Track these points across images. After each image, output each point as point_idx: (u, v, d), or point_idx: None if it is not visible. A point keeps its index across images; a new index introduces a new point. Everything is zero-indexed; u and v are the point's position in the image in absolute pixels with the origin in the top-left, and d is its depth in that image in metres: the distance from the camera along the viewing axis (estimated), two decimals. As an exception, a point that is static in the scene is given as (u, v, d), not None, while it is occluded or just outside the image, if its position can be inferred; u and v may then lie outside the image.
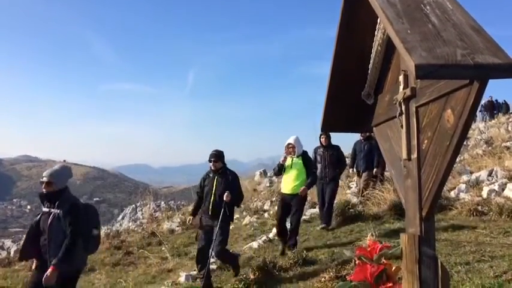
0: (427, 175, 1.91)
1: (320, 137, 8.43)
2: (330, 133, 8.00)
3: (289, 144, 7.14)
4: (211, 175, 6.31)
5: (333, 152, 8.34)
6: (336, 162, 8.38)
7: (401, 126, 2.12)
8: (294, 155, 7.09)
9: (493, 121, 22.74)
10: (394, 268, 2.17)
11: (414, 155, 2.02)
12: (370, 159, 9.88)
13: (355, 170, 10.64)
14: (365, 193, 9.66)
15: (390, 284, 2.08)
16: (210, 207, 6.09)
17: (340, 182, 9.29)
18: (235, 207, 6.51)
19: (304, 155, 7.20)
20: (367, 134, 9.57)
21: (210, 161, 6.24)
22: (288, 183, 7.09)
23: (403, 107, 2.09)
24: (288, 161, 7.14)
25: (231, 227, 10.86)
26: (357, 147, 10.30)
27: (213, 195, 6.13)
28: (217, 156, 6.25)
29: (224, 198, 5.94)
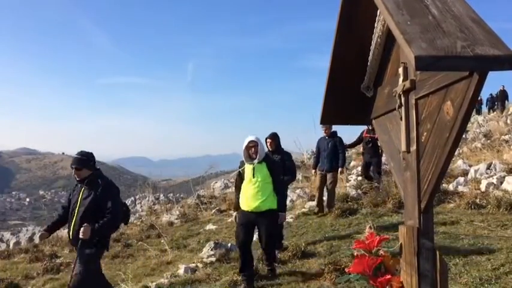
0: (426, 167, 1.91)
1: (266, 141, 6.79)
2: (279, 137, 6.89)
3: (250, 142, 5.32)
4: (78, 186, 4.80)
5: (279, 159, 6.69)
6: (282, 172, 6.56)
7: (401, 118, 2.11)
8: (255, 158, 5.30)
9: (491, 114, 22.73)
10: (392, 260, 2.18)
11: (413, 147, 2.02)
12: (335, 158, 8.69)
13: (318, 170, 9.13)
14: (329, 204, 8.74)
15: (389, 276, 2.09)
16: (71, 231, 4.64)
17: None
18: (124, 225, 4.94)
19: (267, 158, 5.46)
20: (332, 130, 8.83)
21: (71, 167, 4.77)
22: (251, 199, 5.29)
23: (403, 99, 2.09)
24: (248, 169, 5.36)
25: (230, 220, 10.90)
26: (320, 145, 8.99)
27: (75, 214, 4.61)
28: (81, 162, 4.71)
29: (80, 234, 4.43)
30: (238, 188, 5.56)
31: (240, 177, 5.51)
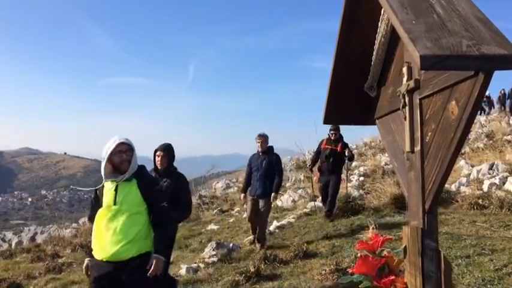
0: (431, 167, 1.89)
1: (154, 155, 4.86)
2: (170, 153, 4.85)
3: (119, 145, 3.26)
4: None
5: (168, 184, 4.65)
6: (170, 202, 4.19)
7: (405, 118, 2.10)
8: (126, 172, 3.26)
9: (494, 115, 22.63)
10: (396, 261, 2.17)
11: (417, 148, 2.00)
12: (270, 181, 6.90)
13: (249, 195, 7.22)
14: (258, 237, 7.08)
15: (393, 277, 2.08)
16: None
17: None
18: None
19: (140, 175, 3.37)
20: (268, 144, 7.13)
21: None
22: (108, 241, 3.17)
23: (407, 99, 2.07)
24: (108, 189, 3.27)
25: (231, 220, 10.89)
26: (252, 163, 7.22)
27: None
28: None
29: None
30: (92, 219, 3.41)
31: (97, 202, 3.37)
